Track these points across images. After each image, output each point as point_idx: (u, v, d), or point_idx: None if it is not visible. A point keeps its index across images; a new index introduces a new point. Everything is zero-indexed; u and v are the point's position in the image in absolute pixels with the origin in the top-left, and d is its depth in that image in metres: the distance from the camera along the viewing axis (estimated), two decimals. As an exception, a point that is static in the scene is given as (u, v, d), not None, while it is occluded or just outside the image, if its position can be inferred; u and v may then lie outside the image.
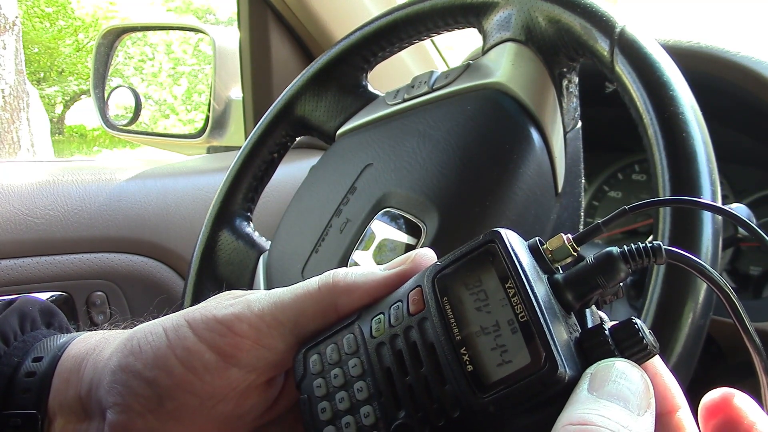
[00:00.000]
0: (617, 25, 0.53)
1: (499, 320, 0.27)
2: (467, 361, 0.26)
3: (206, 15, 9.97)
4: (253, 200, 0.77)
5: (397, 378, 0.28)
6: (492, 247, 0.28)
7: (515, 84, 0.59)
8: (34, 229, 0.94)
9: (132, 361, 0.32)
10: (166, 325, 0.32)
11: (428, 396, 0.27)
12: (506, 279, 0.27)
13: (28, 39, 8.14)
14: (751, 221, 0.64)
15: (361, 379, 0.29)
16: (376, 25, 0.70)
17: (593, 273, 0.28)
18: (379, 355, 0.29)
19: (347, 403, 0.29)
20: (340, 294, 0.31)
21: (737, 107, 0.79)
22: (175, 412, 0.31)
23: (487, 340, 0.26)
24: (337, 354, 0.30)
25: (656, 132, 0.49)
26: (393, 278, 0.31)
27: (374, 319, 0.30)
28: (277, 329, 0.31)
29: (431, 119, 0.63)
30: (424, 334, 0.28)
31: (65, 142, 8.84)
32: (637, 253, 0.28)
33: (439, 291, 0.28)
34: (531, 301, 0.26)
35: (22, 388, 0.35)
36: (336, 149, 0.71)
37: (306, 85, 0.74)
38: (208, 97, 1.35)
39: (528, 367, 0.25)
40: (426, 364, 0.27)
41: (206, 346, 0.31)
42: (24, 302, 0.39)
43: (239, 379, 0.31)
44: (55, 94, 9.01)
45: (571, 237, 0.29)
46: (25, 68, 4.26)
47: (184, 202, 1.07)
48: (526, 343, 0.26)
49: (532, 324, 0.26)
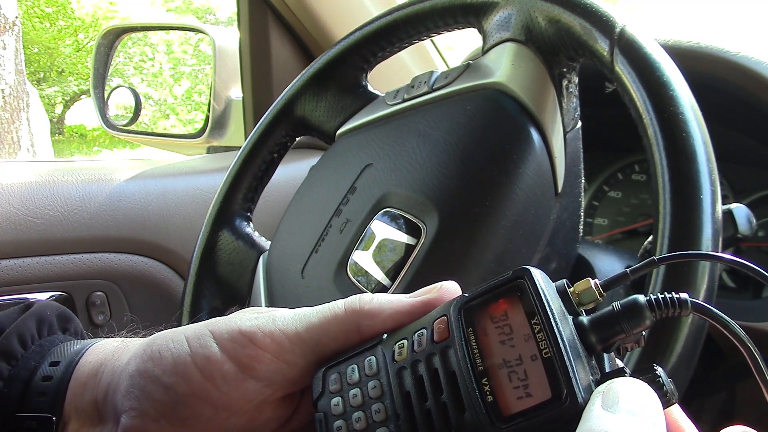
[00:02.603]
0: (617, 25, 0.53)
1: (522, 354, 0.27)
2: (488, 392, 0.27)
3: (206, 15, 9.97)
4: (253, 200, 0.77)
5: (416, 403, 0.28)
6: (521, 284, 0.28)
7: (515, 84, 0.59)
8: (34, 229, 0.94)
9: (151, 367, 0.32)
10: (189, 333, 0.33)
11: (446, 423, 0.27)
12: (533, 315, 0.27)
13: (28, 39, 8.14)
14: (751, 221, 0.64)
15: (380, 401, 0.29)
16: (376, 25, 0.70)
17: (618, 319, 0.28)
18: (400, 379, 0.29)
19: (363, 423, 0.29)
20: (364, 317, 0.32)
21: (737, 107, 0.79)
22: (189, 421, 0.31)
23: (509, 373, 0.27)
24: (358, 375, 0.31)
25: (656, 132, 0.49)
26: (418, 306, 0.32)
27: (397, 343, 0.30)
28: (299, 346, 0.32)
29: (431, 119, 0.63)
30: (446, 362, 0.28)
31: (65, 142, 8.85)
32: (664, 303, 0.29)
33: (465, 321, 0.29)
34: (556, 338, 0.26)
35: (39, 392, 0.35)
36: (336, 149, 0.71)
37: (306, 85, 0.74)
38: (208, 97, 1.35)
39: (549, 402, 0.26)
40: (446, 391, 0.28)
41: (227, 356, 0.31)
42: (42, 307, 0.39)
43: (255, 393, 0.31)
44: (55, 94, 9.01)
45: (598, 282, 0.30)
46: (25, 68, 4.26)
47: (184, 202, 1.07)
48: (548, 378, 0.26)
49: (555, 360, 0.26)
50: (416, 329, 0.30)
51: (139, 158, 1.58)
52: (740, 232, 0.63)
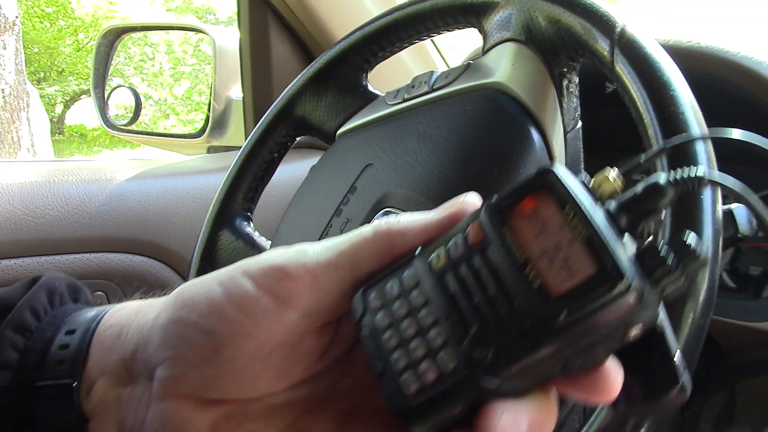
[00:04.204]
0: (617, 25, 0.53)
1: (559, 242, 0.28)
2: (533, 279, 0.27)
3: (206, 15, 9.97)
4: (254, 200, 0.77)
5: (463, 301, 0.29)
6: (547, 179, 0.29)
7: (515, 84, 0.59)
8: (34, 229, 0.94)
9: (185, 314, 0.32)
10: (219, 276, 0.32)
11: (496, 314, 0.28)
12: (564, 204, 0.28)
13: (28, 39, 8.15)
14: (751, 221, 0.64)
15: (426, 306, 0.30)
16: (376, 25, 0.70)
17: (643, 199, 0.30)
18: (443, 284, 0.30)
19: (412, 330, 0.29)
20: (395, 236, 0.32)
21: (737, 107, 0.79)
22: (231, 360, 0.31)
23: (550, 260, 0.27)
24: (398, 288, 0.31)
25: (656, 132, 0.49)
26: (445, 219, 0.32)
27: (433, 253, 0.31)
28: (333, 273, 0.31)
29: (431, 119, 0.63)
30: (486, 259, 0.29)
31: (65, 142, 8.85)
32: (682, 179, 0.30)
33: (497, 221, 0.29)
34: (590, 221, 0.27)
35: (56, 360, 0.34)
36: (336, 149, 0.71)
37: (306, 85, 0.74)
38: (208, 97, 1.35)
39: (594, 275, 0.26)
40: (491, 286, 0.28)
41: (263, 291, 0.31)
42: (51, 278, 0.39)
43: (295, 324, 0.31)
44: (55, 94, 9.02)
45: (618, 172, 0.31)
46: (25, 68, 4.27)
47: (184, 202, 1.07)
48: (589, 256, 0.27)
49: (594, 238, 0.27)
50: (449, 238, 0.31)
51: (139, 158, 1.58)
52: (740, 232, 0.63)
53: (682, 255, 0.28)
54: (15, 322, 0.35)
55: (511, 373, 0.27)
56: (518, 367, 0.27)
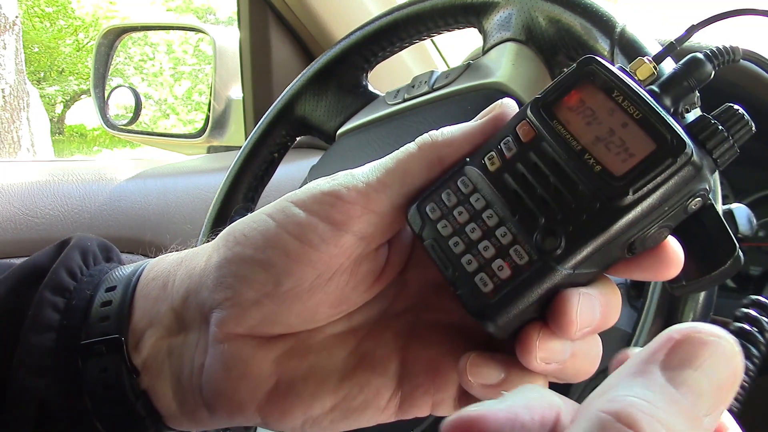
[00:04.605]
0: (617, 25, 0.53)
1: (612, 126, 0.28)
2: (593, 164, 0.28)
3: (206, 15, 9.97)
4: (254, 200, 0.77)
5: (527, 197, 0.29)
6: (591, 68, 0.30)
7: (515, 84, 0.59)
8: (35, 229, 0.94)
9: (240, 250, 0.31)
10: (268, 210, 0.32)
11: (563, 202, 0.28)
12: (611, 90, 0.29)
13: (28, 38, 8.15)
14: (751, 221, 0.64)
15: (488, 208, 0.30)
16: (376, 25, 0.70)
17: (685, 75, 0.31)
18: (501, 184, 0.30)
19: (479, 232, 0.29)
20: (441, 147, 0.32)
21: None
22: (292, 291, 0.31)
23: (607, 145, 0.28)
24: (455, 196, 0.31)
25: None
26: (489, 123, 0.32)
27: (485, 157, 0.31)
28: (385, 192, 0.31)
29: (431, 119, 0.63)
30: (543, 153, 0.29)
31: (65, 142, 8.85)
32: (719, 52, 0.31)
33: (546, 117, 0.29)
34: (643, 99, 0.28)
35: (101, 317, 0.34)
36: (336, 149, 0.71)
37: (306, 85, 0.74)
38: (209, 96, 1.35)
39: (656, 150, 0.27)
40: (553, 176, 0.28)
41: (317, 218, 0.30)
42: (81, 239, 0.38)
43: (353, 246, 0.31)
44: (55, 93, 9.02)
45: (651, 57, 0.32)
46: (25, 68, 4.27)
47: (184, 201, 1.07)
48: (647, 134, 0.27)
49: (649, 116, 0.28)
50: (498, 141, 0.31)
51: (139, 158, 1.58)
52: (740, 232, 0.63)
53: (731, 123, 0.29)
54: (53, 284, 0.35)
55: (583, 259, 0.27)
56: (589, 251, 0.27)
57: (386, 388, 0.32)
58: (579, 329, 0.28)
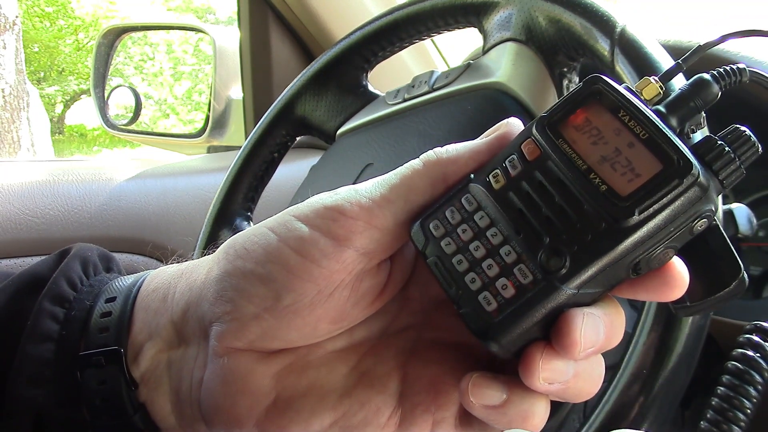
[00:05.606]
0: (618, 24, 0.53)
1: (618, 146, 0.28)
2: (599, 184, 0.28)
3: (206, 14, 9.97)
4: (254, 200, 0.77)
5: (531, 216, 0.29)
6: (597, 88, 0.30)
7: (515, 84, 0.59)
8: (34, 228, 0.94)
9: (241, 264, 0.31)
10: (269, 224, 0.32)
11: (568, 221, 0.28)
12: (618, 109, 0.29)
13: (28, 38, 8.15)
14: (751, 221, 0.64)
15: (492, 227, 0.30)
16: (376, 25, 0.70)
17: (691, 96, 0.30)
18: (506, 202, 0.30)
19: (483, 251, 0.29)
20: (447, 164, 0.32)
21: (738, 107, 0.78)
22: (292, 306, 0.30)
23: (612, 165, 0.28)
24: (459, 214, 0.31)
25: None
26: (494, 142, 0.32)
27: (490, 175, 0.31)
28: (388, 208, 0.31)
29: (431, 119, 0.63)
30: (547, 173, 0.29)
31: (65, 142, 8.85)
32: (726, 73, 0.31)
33: (552, 135, 0.29)
34: (649, 119, 0.28)
35: (100, 329, 0.34)
36: (336, 149, 0.71)
37: (306, 85, 0.74)
38: (208, 96, 1.35)
39: (662, 171, 0.27)
40: (558, 196, 0.28)
41: (319, 233, 0.30)
42: (82, 248, 0.38)
43: (354, 262, 0.31)
44: (55, 93, 9.02)
45: (657, 77, 0.32)
46: (25, 68, 4.27)
47: (184, 202, 1.07)
48: (653, 154, 0.27)
49: (656, 136, 0.28)
50: (503, 159, 0.31)
51: (139, 158, 1.58)
52: (741, 232, 0.63)
53: (738, 144, 0.29)
54: (52, 294, 0.35)
55: (587, 279, 0.27)
56: (594, 271, 0.27)
57: (386, 406, 0.32)
58: (583, 349, 0.27)
